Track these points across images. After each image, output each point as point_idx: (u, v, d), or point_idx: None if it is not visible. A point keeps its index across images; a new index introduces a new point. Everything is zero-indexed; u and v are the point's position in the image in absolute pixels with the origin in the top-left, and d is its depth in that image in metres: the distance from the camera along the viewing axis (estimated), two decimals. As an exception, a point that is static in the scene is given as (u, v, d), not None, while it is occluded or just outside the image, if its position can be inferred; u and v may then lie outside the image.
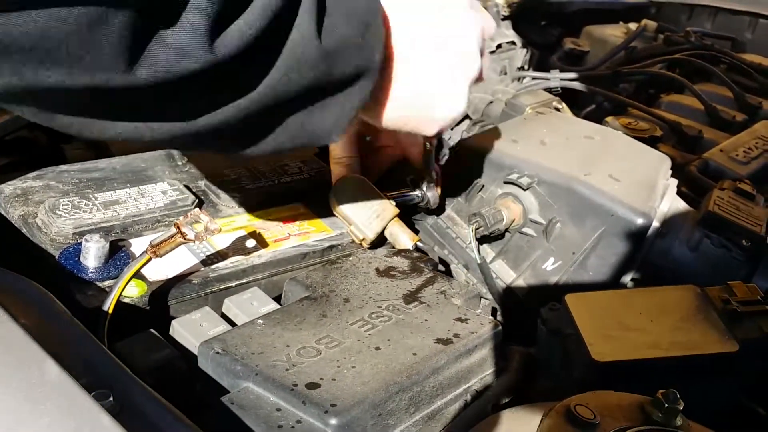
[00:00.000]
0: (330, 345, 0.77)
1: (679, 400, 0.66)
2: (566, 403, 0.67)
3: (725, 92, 1.74)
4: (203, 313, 0.84)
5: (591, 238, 1.05)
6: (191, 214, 0.82)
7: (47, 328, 0.66)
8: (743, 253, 1.05)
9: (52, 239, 0.89)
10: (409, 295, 0.89)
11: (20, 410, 0.54)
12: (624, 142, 1.27)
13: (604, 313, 0.87)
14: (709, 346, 0.81)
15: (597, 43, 2.03)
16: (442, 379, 0.78)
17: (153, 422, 0.59)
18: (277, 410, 0.69)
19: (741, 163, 1.38)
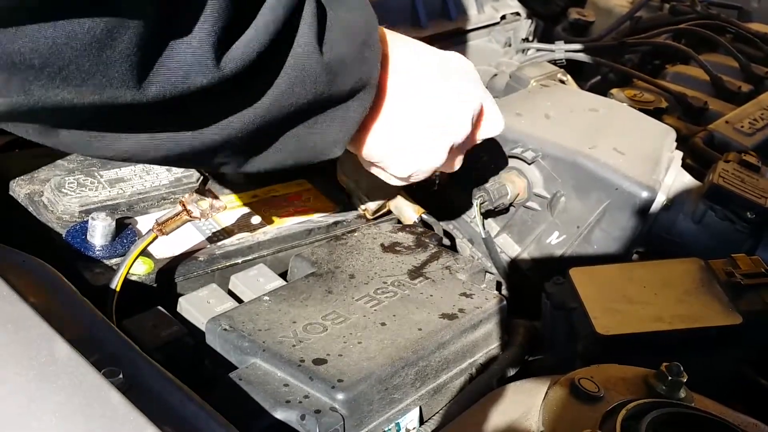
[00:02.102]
0: (336, 321, 0.78)
1: (682, 373, 0.67)
2: (571, 377, 0.68)
3: (731, 62, 1.73)
4: (210, 290, 0.85)
5: (595, 212, 1.05)
6: (196, 192, 0.83)
7: (56, 306, 0.66)
8: (748, 225, 1.05)
9: (58, 218, 0.89)
10: (414, 271, 0.90)
11: (31, 388, 0.54)
12: (629, 114, 1.26)
13: (608, 287, 0.87)
14: (713, 319, 0.82)
15: (602, 14, 2.02)
16: (447, 354, 0.78)
17: (162, 398, 0.59)
18: (285, 386, 0.70)
19: (746, 134, 1.37)
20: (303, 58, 0.68)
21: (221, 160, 0.71)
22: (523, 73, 1.48)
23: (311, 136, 0.74)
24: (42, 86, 0.53)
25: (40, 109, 0.55)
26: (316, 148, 0.76)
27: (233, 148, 0.69)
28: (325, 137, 0.75)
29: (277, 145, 0.73)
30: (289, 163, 0.76)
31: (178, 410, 0.59)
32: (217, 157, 0.70)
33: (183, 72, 0.59)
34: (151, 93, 0.58)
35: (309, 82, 0.69)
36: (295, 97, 0.69)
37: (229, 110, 0.66)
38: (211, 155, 0.69)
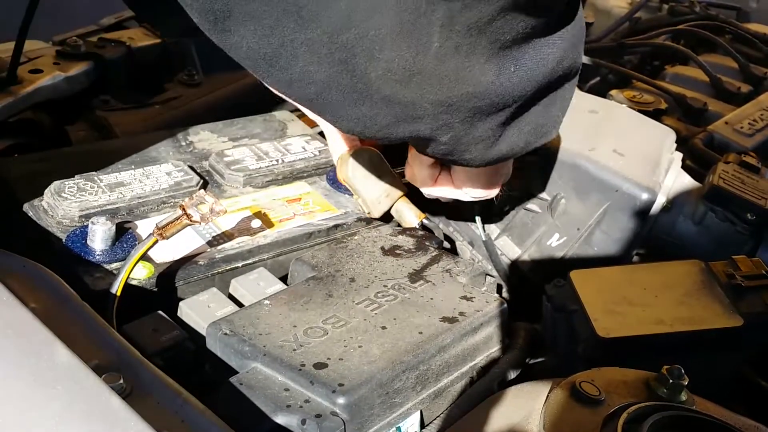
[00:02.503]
0: (336, 325, 0.78)
1: (683, 376, 0.67)
2: (571, 380, 0.67)
3: (730, 63, 1.74)
4: (210, 294, 0.85)
5: (596, 214, 1.05)
6: (196, 196, 0.82)
7: (56, 311, 0.66)
8: (748, 226, 1.04)
9: (58, 222, 0.89)
10: (415, 274, 0.90)
11: (31, 394, 0.54)
12: (628, 115, 1.26)
13: (608, 289, 0.87)
14: (714, 321, 0.81)
15: (601, 15, 2.02)
16: (448, 357, 0.78)
17: (163, 403, 0.59)
18: (285, 390, 0.69)
19: (746, 135, 1.38)
20: (580, 17, 0.70)
21: (487, 131, 0.70)
22: (522, 74, 1.48)
23: (545, 112, 0.75)
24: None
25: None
26: (542, 129, 0.77)
27: (513, 107, 0.69)
28: (552, 114, 0.76)
29: (523, 122, 0.73)
30: (518, 147, 0.77)
31: (179, 415, 0.59)
32: (494, 119, 0.69)
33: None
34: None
35: (575, 48, 0.70)
36: (566, 60, 0.70)
37: (544, 45, 0.66)
38: (500, 113, 0.68)
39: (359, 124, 0.65)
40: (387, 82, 0.60)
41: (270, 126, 1.22)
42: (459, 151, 0.74)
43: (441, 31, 0.57)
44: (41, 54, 1.31)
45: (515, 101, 0.68)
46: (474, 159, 0.76)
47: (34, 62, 1.27)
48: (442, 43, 0.57)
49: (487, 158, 0.76)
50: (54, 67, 1.26)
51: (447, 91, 0.62)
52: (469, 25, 0.57)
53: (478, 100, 0.65)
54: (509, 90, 0.65)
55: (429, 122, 0.65)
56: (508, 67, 0.64)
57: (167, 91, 1.39)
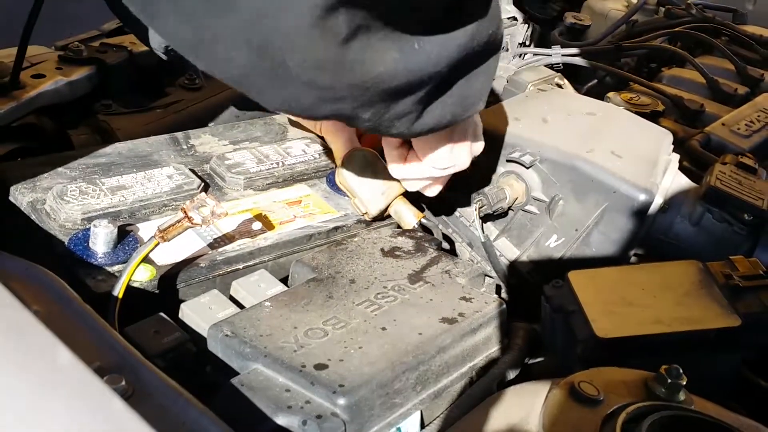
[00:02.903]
0: (337, 326, 0.78)
1: (682, 376, 0.67)
2: (570, 380, 0.68)
3: (727, 65, 1.74)
4: (212, 296, 0.85)
5: (593, 215, 1.06)
6: (197, 199, 0.83)
7: (59, 314, 0.67)
8: (745, 227, 1.05)
9: (60, 225, 0.89)
10: (414, 275, 0.90)
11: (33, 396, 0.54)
12: (626, 117, 1.27)
13: (607, 290, 0.87)
14: (712, 321, 0.82)
15: (598, 17, 2.03)
16: (447, 358, 0.79)
17: (165, 405, 0.60)
18: (286, 391, 0.70)
19: (743, 136, 1.38)
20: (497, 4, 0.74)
21: (407, 106, 0.74)
22: (520, 77, 1.49)
23: (468, 85, 0.79)
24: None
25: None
26: (467, 101, 0.81)
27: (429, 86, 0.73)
28: (475, 87, 0.80)
29: (447, 96, 0.77)
30: (446, 120, 0.80)
31: (181, 417, 0.59)
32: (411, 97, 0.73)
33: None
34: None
35: (493, 23, 0.75)
36: (483, 34, 0.74)
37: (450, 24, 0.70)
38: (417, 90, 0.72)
39: (285, 104, 0.69)
40: (305, 70, 0.63)
41: (270, 129, 1.23)
42: (384, 126, 0.77)
43: (345, 19, 0.61)
44: (43, 59, 1.31)
45: (432, 77, 0.72)
46: (402, 133, 0.80)
47: (37, 67, 1.27)
48: (347, 31, 0.61)
49: (415, 131, 0.79)
50: (56, 72, 1.27)
51: (360, 75, 0.66)
52: (368, 10, 0.62)
53: (391, 79, 0.69)
54: (421, 66, 0.70)
55: (350, 102, 0.69)
56: (410, 45, 0.68)
57: (168, 95, 1.39)
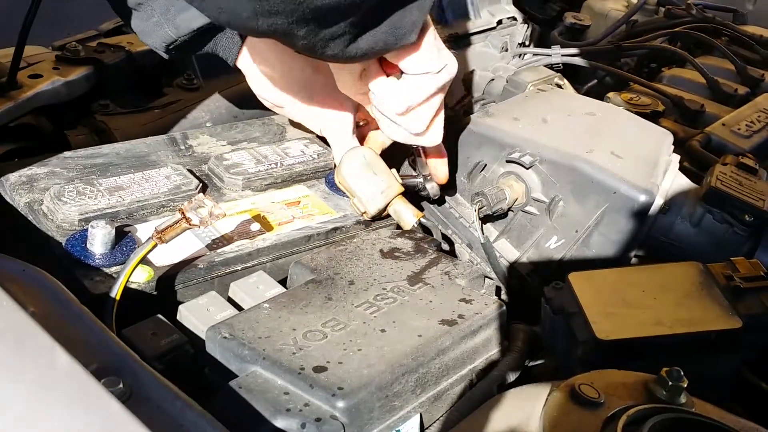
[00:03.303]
0: (336, 328, 0.78)
1: (683, 378, 0.67)
2: (571, 382, 0.68)
3: (727, 65, 1.74)
4: (210, 298, 0.85)
5: (594, 216, 1.05)
6: (195, 200, 0.83)
7: (56, 315, 0.66)
8: (746, 228, 1.05)
9: (58, 226, 0.89)
10: (414, 277, 0.90)
11: (31, 398, 0.54)
12: (626, 118, 1.27)
13: (607, 291, 0.87)
14: (713, 323, 0.82)
15: (598, 17, 2.02)
16: (447, 360, 0.78)
17: (162, 407, 0.59)
18: (285, 394, 0.70)
19: (743, 137, 1.38)
20: None
21: (340, 28, 0.76)
22: (520, 77, 1.48)
23: (401, 14, 0.81)
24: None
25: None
26: (400, 31, 0.83)
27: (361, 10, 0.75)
28: (408, 18, 0.82)
29: (378, 21, 0.80)
30: (378, 47, 0.83)
31: (178, 419, 0.59)
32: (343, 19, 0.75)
33: None
34: None
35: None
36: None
37: None
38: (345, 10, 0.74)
39: (223, 13, 0.72)
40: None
41: (269, 129, 1.22)
42: (319, 46, 0.79)
43: None
44: (41, 59, 1.31)
45: (363, 1, 0.74)
46: (336, 55, 0.82)
47: (34, 67, 1.27)
48: None
49: (349, 54, 0.82)
50: (54, 72, 1.26)
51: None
52: None
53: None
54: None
55: (284, 17, 0.71)
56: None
57: (166, 95, 1.39)
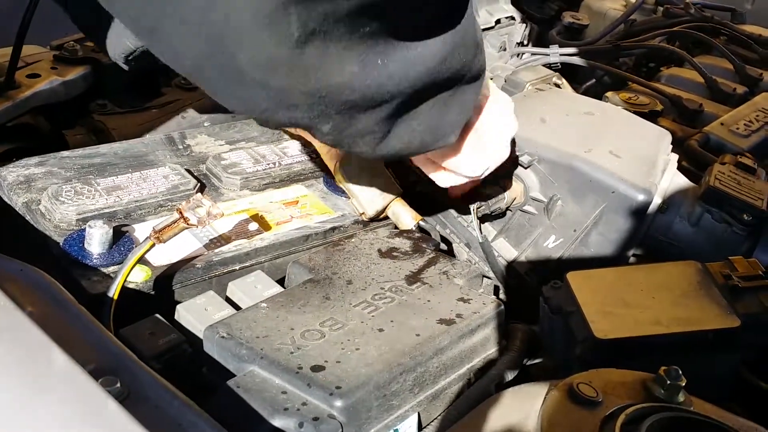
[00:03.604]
0: (334, 327, 0.78)
1: (681, 377, 0.67)
2: (569, 382, 0.67)
3: (725, 64, 1.74)
4: (208, 297, 0.85)
5: (592, 215, 1.05)
6: (193, 199, 0.82)
7: (53, 315, 0.66)
8: (744, 227, 1.05)
9: (55, 226, 0.89)
10: (412, 276, 0.90)
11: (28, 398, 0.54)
12: (624, 117, 1.27)
13: (605, 291, 0.87)
14: (711, 322, 0.82)
15: (596, 17, 2.02)
16: (445, 360, 0.78)
17: (160, 407, 0.59)
18: (283, 393, 0.69)
19: (742, 136, 1.38)
20: (469, 24, 0.72)
21: (369, 125, 0.72)
22: (518, 77, 1.49)
23: (440, 115, 0.78)
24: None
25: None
26: (439, 131, 0.80)
27: (391, 106, 0.71)
28: (448, 119, 0.79)
29: (415, 122, 0.76)
30: (414, 146, 0.79)
31: (176, 419, 0.58)
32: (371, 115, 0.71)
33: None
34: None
35: (464, 50, 0.73)
36: (453, 61, 0.72)
37: (419, 46, 0.68)
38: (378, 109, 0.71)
39: (241, 104, 0.68)
40: (256, 68, 0.62)
41: (267, 129, 1.22)
42: (346, 142, 0.76)
43: (299, 19, 0.59)
44: (39, 58, 1.31)
45: (394, 97, 0.70)
46: (365, 152, 0.78)
47: (32, 67, 1.27)
48: (301, 32, 0.60)
49: (380, 152, 0.78)
50: (51, 71, 1.26)
51: (315, 81, 0.65)
52: (325, 14, 0.60)
53: (350, 92, 0.67)
54: (381, 83, 0.68)
55: (305, 111, 0.68)
56: (373, 60, 0.66)
57: (164, 95, 1.38)
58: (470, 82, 0.79)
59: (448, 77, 0.74)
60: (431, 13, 0.68)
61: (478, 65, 0.79)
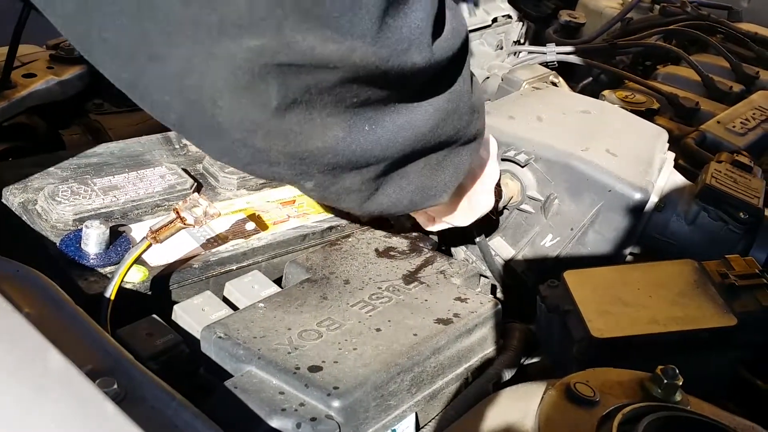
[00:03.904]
0: (331, 327, 0.78)
1: (678, 376, 0.67)
2: (566, 381, 0.67)
3: (722, 63, 1.74)
4: (205, 297, 0.85)
5: (589, 214, 1.05)
6: (190, 199, 0.82)
7: (50, 316, 0.66)
8: (741, 225, 1.05)
9: (52, 226, 0.89)
10: (409, 276, 0.90)
11: (25, 400, 0.54)
12: (621, 116, 1.27)
13: (602, 289, 0.87)
14: (708, 321, 0.82)
15: (593, 15, 2.03)
16: (442, 359, 0.78)
17: (157, 408, 0.59)
18: (280, 393, 0.69)
19: (738, 134, 1.38)
20: (462, 88, 0.71)
21: (355, 184, 0.70)
22: (515, 75, 1.49)
23: (432, 176, 0.76)
24: (295, 25, 0.53)
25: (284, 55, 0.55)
26: (430, 192, 0.78)
27: (378, 168, 0.69)
28: (440, 179, 0.78)
29: (404, 181, 0.74)
30: (402, 205, 0.77)
31: (173, 420, 0.58)
32: (357, 176, 0.69)
33: (407, 42, 0.59)
34: (382, 54, 0.57)
35: (457, 116, 0.72)
36: (446, 127, 0.71)
37: (410, 111, 0.67)
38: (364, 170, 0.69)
39: (223, 156, 0.66)
40: (235, 128, 0.61)
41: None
42: (331, 199, 0.75)
43: (278, 91, 0.58)
44: (35, 58, 1.30)
45: (381, 160, 0.69)
46: (353, 208, 0.77)
47: (28, 66, 1.26)
48: (280, 101, 0.58)
49: (368, 209, 0.76)
50: (47, 71, 1.26)
51: (295, 145, 0.63)
52: (307, 87, 0.58)
53: (332, 155, 0.65)
54: (368, 149, 0.66)
55: (286, 168, 0.66)
56: (360, 125, 0.64)
57: (161, 94, 1.38)
58: (466, 143, 0.78)
59: (439, 142, 0.73)
60: (423, 79, 0.66)
61: (474, 130, 0.77)
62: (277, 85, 0.57)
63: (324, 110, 0.61)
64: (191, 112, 0.60)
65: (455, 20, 0.66)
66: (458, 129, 0.73)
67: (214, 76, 0.56)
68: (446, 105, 0.70)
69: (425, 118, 0.68)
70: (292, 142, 0.63)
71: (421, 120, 0.68)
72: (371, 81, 0.60)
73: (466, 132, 0.75)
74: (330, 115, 0.62)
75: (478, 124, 0.78)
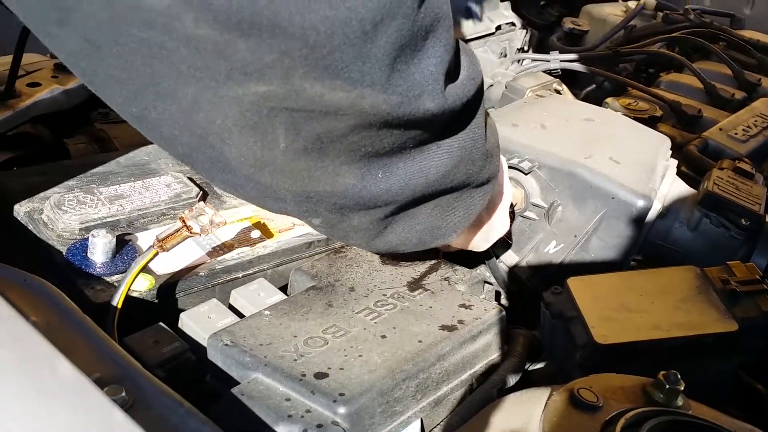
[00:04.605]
0: (337, 334, 0.78)
1: (680, 381, 0.67)
2: (570, 387, 0.68)
3: (724, 70, 1.75)
4: (211, 305, 0.85)
5: (592, 221, 1.06)
6: (196, 208, 0.83)
7: (57, 324, 0.66)
8: (742, 232, 1.05)
9: (58, 235, 0.89)
10: (414, 283, 0.90)
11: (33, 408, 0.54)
12: (624, 123, 1.27)
13: (605, 296, 0.88)
14: (710, 326, 0.82)
15: (596, 23, 2.03)
16: (447, 366, 0.79)
17: (164, 415, 0.60)
18: (287, 400, 0.70)
19: (740, 141, 1.39)
20: (476, 134, 0.71)
21: (363, 223, 0.70)
22: (518, 83, 1.49)
23: (442, 217, 0.76)
24: (303, 74, 0.52)
25: (292, 101, 0.54)
26: (439, 232, 0.78)
27: (387, 210, 0.69)
28: (451, 220, 0.78)
29: (413, 221, 0.74)
30: (411, 243, 0.77)
31: (181, 427, 0.59)
32: (365, 216, 0.69)
33: (420, 89, 0.58)
34: (393, 100, 0.57)
35: (470, 161, 0.72)
36: (458, 173, 0.71)
37: (423, 158, 0.66)
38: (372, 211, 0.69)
39: (232, 191, 0.66)
40: (242, 164, 0.61)
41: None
42: (339, 235, 0.75)
43: (286, 134, 0.57)
44: (39, 67, 1.31)
45: (390, 203, 0.68)
46: (361, 245, 0.77)
47: (32, 75, 1.27)
48: (289, 144, 0.58)
49: (376, 247, 0.76)
50: (52, 80, 1.27)
51: (302, 185, 0.63)
52: (318, 134, 0.58)
53: (340, 198, 0.66)
54: (378, 194, 0.66)
55: (293, 206, 0.67)
56: (374, 173, 0.64)
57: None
58: (478, 186, 0.77)
59: (451, 186, 0.72)
60: (437, 125, 0.65)
61: (488, 174, 0.77)
62: (284, 128, 0.57)
63: (338, 158, 0.61)
64: (199, 146, 0.60)
65: (470, 66, 0.66)
66: (470, 174, 0.73)
67: (222, 115, 0.56)
68: (459, 152, 0.69)
69: (438, 164, 0.68)
70: (300, 183, 0.63)
71: (433, 167, 0.68)
72: (384, 128, 0.60)
73: (479, 177, 0.75)
74: (344, 164, 0.62)
75: (492, 168, 0.78)
